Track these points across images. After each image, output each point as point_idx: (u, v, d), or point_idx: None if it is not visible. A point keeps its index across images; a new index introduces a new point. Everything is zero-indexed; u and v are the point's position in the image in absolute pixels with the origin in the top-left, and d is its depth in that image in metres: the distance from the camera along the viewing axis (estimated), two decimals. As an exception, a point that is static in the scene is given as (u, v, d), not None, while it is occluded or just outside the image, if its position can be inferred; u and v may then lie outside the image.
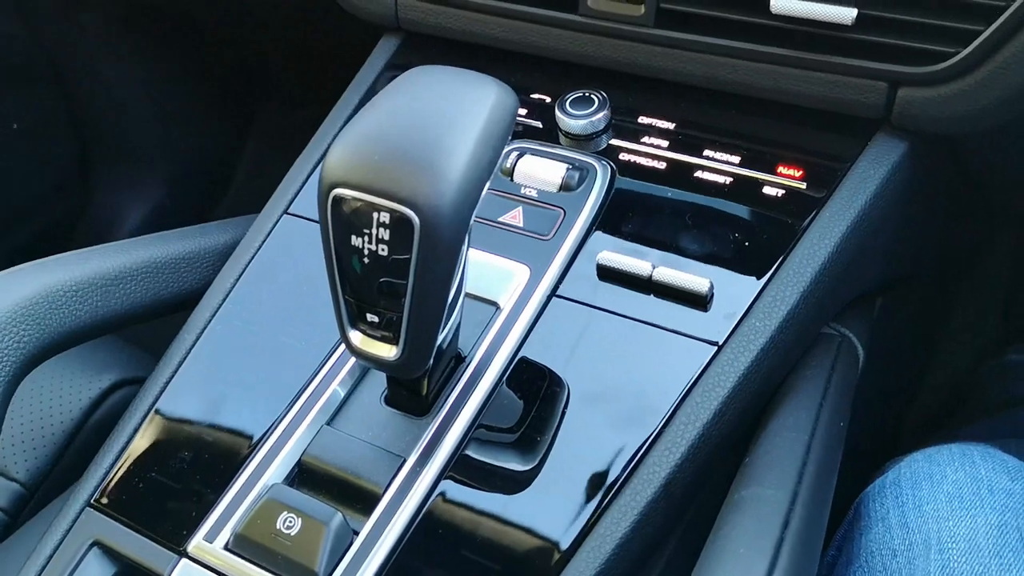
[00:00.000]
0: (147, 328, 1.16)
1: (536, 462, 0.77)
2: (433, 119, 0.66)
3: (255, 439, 0.82)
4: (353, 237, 0.67)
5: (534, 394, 0.81)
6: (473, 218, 0.68)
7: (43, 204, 1.86)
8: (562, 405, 0.79)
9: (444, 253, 0.66)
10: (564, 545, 0.72)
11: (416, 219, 0.64)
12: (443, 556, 0.74)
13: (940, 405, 1.45)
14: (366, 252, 0.67)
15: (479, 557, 0.73)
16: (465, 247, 0.71)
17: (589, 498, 0.74)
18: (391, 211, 0.64)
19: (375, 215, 0.65)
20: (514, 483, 0.77)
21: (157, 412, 0.87)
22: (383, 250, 0.66)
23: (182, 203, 2.04)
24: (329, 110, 1.09)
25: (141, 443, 0.86)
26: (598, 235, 0.89)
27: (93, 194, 1.97)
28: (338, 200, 0.66)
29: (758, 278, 0.82)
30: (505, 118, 0.69)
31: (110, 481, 0.84)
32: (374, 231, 0.66)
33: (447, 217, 0.64)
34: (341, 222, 0.67)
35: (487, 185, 0.68)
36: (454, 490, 0.77)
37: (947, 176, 0.98)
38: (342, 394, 0.83)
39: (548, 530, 0.73)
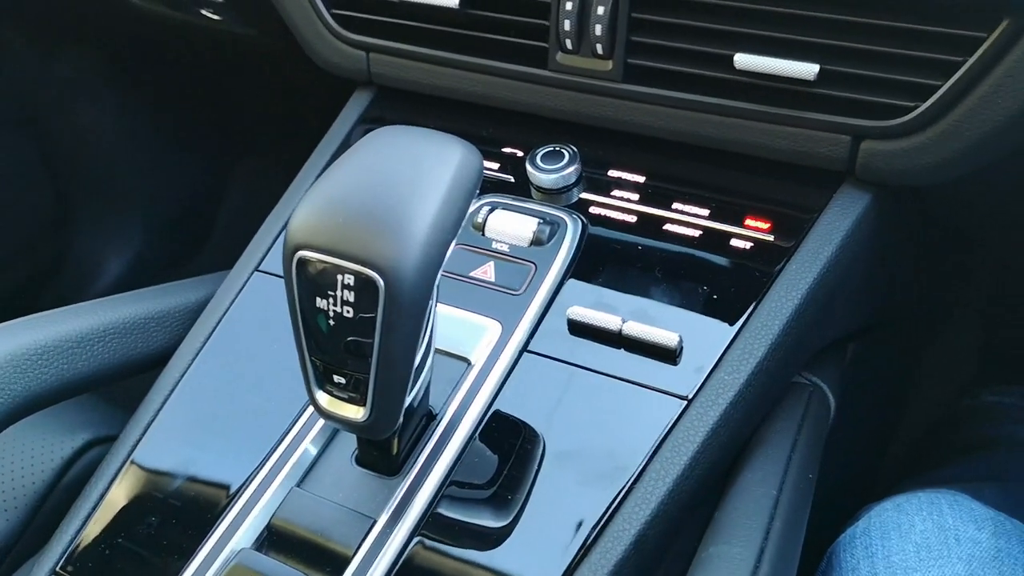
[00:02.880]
0: (122, 385, 1.16)
1: (508, 520, 0.76)
2: (397, 181, 0.67)
3: (224, 502, 0.81)
4: (318, 299, 0.67)
5: (506, 451, 0.80)
6: (439, 277, 0.68)
7: (20, 254, 1.85)
8: (534, 462, 0.79)
9: (409, 314, 0.66)
10: (535, 606, 0.71)
11: (380, 281, 0.64)
12: None
13: (916, 446, 1.45)
14: (331, 314, 0.67)
15: None
16: (431, 307, 0.71)
17: (561, 556, 0.73)
18: (355, 273, 0.64)
19: (339, 277, 0.65)
20: (486, 541, 0.76)
21: (124, 476, 0.86)
22: (348, 312, 0.66)
23: (163, 250, 2.04)
24: (308, 156, 1.09)
25: (108, 508, 0.85)
26: (569, 289, 0.89)
27: (71, 243, 1.96)
28: (302, 262, 0.66)
29: (727, 331, 0.83)
30: (470, 179, 0.70)
31: (76, 548, 0.82)
32: (339, 293, 0.66)
33: (411, 279, 0.64)
34: (306, 284, 0.67)
35: (452, 246, 0.68)
36: (425, 550, 0.76)
37: (914, 223, 1.00)
38: (313, 453, 0.83)
39: (520, 590, 0.72)
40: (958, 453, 1.31)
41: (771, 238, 0.88)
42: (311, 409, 0.85)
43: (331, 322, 0.67)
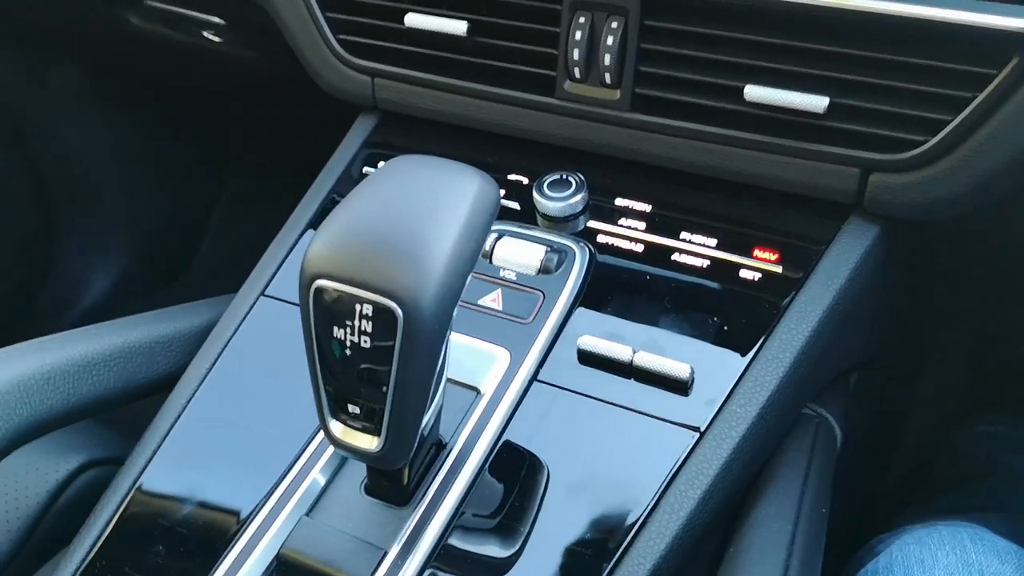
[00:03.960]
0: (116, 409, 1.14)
1: (521, 553, 0.76)
2: (416, 211, 0.66)
3: (232, 531, 0.80)
4: (335, 328, 0.66)
5: (517, 483, 0.80)
6: (457, 309, 0.68)
7: (6, 267, 1.83)
8: (547, 494, 0.79)
9: (427, 345, 0.66)
10: (551, 640, 0.71)
11: (399, 311, 0.64)
12: None
13: (913, 473, 1.45)
14: (348, 343, 0.67)
15: None
16: (447, 338, 0.70)
17: None
18: (374, 303, 0.64)
19: (357, 307, 0.65)
20: (499, 574, 0.75)
21: (131, 503, 0.85)
22: (365, 342, 0.66)
23: (149, 267, 2.02)
24: (297, 176, 1.09)
25: (114, 536, 0.84)
26: (578, 318, 0.89)
27: (57, 258, 1.95)
28: (320, 291, 0.66)
29: (738, 362, 0.83)
30: (487, 210, 0.70)
31: (82, 576, 0.82)
32: (356, 323, 0.65)
33: (430, 310, 0.64)
34: (322, 313, 0.66)
35: (469, 277, 0.68)
36: (437, 582, 0.75)
37: (919, 258, 1.00)
38: (322, 482, 0.82)
39: (535, 624, 0.72)
40: (954, 483, 1.31)
41: (780, 269, 0.88)
42: (320, 437, 0.85)
43: (347, 352, 0.67)
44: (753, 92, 0.87)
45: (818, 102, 0.85)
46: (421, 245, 0.64)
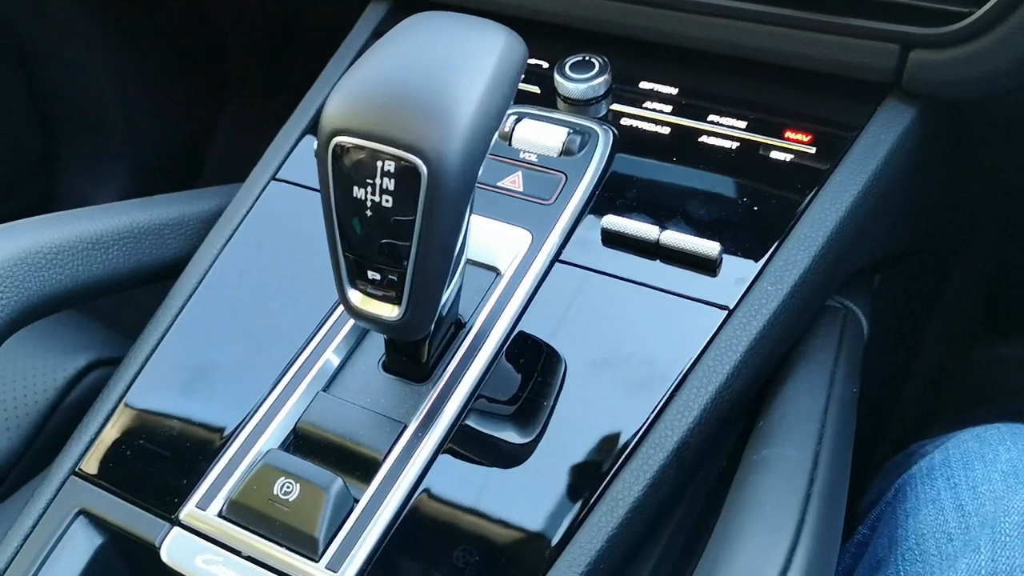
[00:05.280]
0: (122, 309, 1.12)
1: (543, 429, 0.74)
2: (440, 64, 0.63)
3: (248, 406, 0.79)
4: (355, 188, 0.64)
5: (538, 361, 0.78)
6: (482, 169, 0.65)
7: (6, 192, 1.81)
8: (570, 371, 0.76)
9: (451, 205, 0.63)
10: (575, 510, 0.69)
11: (423, 168, 0.61)
12: (448, 525, 0.71)
13: (932, 389, 1.44)
14: (369, 204, 0.64)
15: (486, 525, 0.70)
16: (472, 202, 0.67)
17: (600, 462, 0.71)
18: (396, 159, 0.61)
19: (379, 164, 0.62)
20: (521, 449, 0.74)
21: (144, 379, 0.83)
22: (387, 201, 0.63)
23: (150, 192, 1.99)
24: (301, 97, 1.05)
25: (128, 411, 0.82)
26: (601, 200, 0.86)
27: (58, 182, 1.92)
28: (339, 149, 0.63)
29: (767, 243, 0.80)
30: (515, 65, 0.66)
31: (95, 448, 0.80)
32: (378, 181, 0.63)
33: (455, 166, 0.61)
34: (342, 173, 0.63)
35: (496, 135, 0.65)
36: (457, 458, 0.74)
37: (952, 145, 0.97)
38: (337, 361, 0.80)
39: (558, 496, 0.70)
40: (982, 401, 1.29)
41: (812, 151, 0.85)
42: (334, 317, 0.83)
43: (368, 213, 0.64)
44: (789, -37, 0.83)
45: (858, -28, 0.81)
46: (446, 99, 0.61)
